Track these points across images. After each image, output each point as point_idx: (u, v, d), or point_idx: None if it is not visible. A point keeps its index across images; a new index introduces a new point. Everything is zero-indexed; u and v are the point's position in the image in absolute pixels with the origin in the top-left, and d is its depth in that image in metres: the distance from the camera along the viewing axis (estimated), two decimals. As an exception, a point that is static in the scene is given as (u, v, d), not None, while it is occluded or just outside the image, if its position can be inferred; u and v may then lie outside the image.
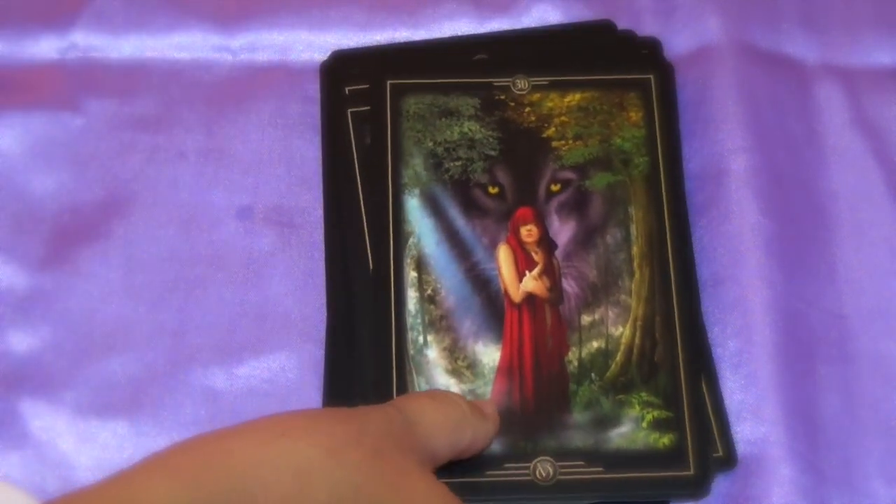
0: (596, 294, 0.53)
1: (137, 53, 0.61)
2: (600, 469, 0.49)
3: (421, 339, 0.52)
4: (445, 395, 0.47)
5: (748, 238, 0.55)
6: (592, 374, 0.52)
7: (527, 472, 0.49)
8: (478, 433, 0.47)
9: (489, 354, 0.52)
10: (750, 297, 0.54)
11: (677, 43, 0.61)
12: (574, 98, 0.57)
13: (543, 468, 0.49)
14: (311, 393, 0.53)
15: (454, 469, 0.48)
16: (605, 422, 0.51)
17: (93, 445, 0.53)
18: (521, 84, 0.57)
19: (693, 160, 0.58)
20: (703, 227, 0.56)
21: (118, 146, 0.59)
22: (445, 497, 0.42)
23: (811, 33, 0.62)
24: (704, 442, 0.50)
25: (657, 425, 0.51)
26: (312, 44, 0.61)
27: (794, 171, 0.58)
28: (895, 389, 0.53)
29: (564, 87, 0.57)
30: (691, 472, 0.50)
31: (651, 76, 0.57)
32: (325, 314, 0.54)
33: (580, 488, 0.49)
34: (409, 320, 0.52)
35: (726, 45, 0.60)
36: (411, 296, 0.53)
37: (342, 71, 0.59)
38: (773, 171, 0.57)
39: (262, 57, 0.61)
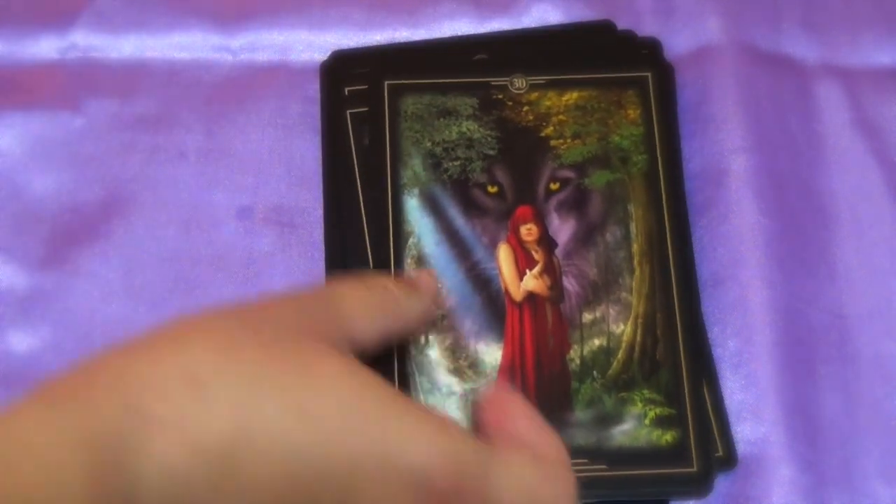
0: (597, 292, 0.53)
1: (137, 53, 0.61)
2: (603, 466, 0.49)
3: (423, 338, 0.52)
4: (371, 277, 0.45)
5: (748, 238, 0.55)
6: (594, 372, 0.52)
7: None
8: (410, 312, 0.46)
9: (491, 353, 0.52)
10: (750, 297, 0.54)
11: (677, 43, 0.61)
12: (572, 97, 0.57)
13: None
14: (311, 393, 0.53)
15: None
16: (608, 419, 0.51)
17: (93, 445, 0.52)
18: (519, 83, 0.57)
19: (693, 160, 0.58)
20: (703, 227, 0.56)
21: (118, 146, 0.59)
22: (356, 374, 0.39)
23: (811, 33, 0.62)
24: (707, 439, 0.50)
25: (660, 422, 0.51)
26: (312, 44, 0.61)
27: (794, 171, 0.58)
28: (895, 389, 0.53)
29: (562, 86, 0.57)
30: (694, 468, 0.50)
31: (649, 74, 0.57)
32: (325, 314, 0.54)
33: (583, 486, 0.49)
34: None
35: (726, 45, 0.60)
36: None
37: (342, 71, 0.59)
38: (773, 171, 0.57)
39: (262, 57, 0.61)
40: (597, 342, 0.52)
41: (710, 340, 0.54)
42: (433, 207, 0.55)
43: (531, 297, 0.53)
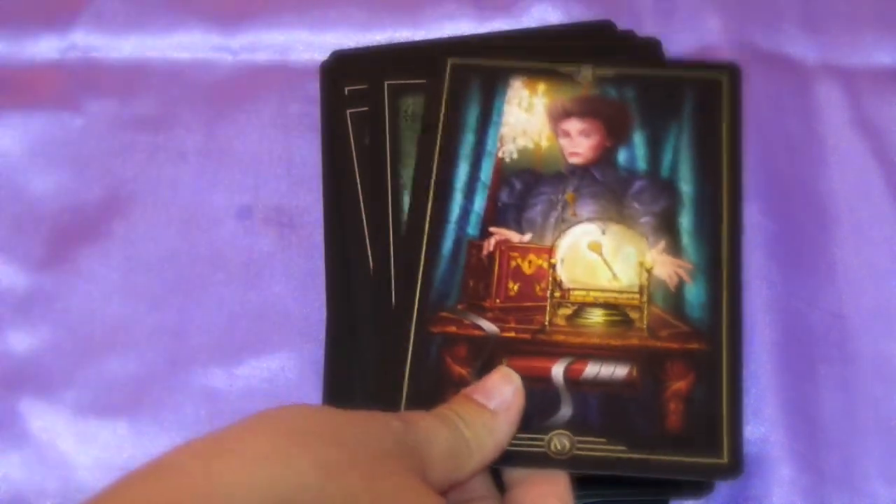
0: None
1: (137, 53, 0.61)
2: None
3: None
4: (456, 425, 0.43)
5: (748, 238, 0.55)
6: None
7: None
8: (478, 465, 0.44)
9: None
10: (750, 297, 0.54)
11: (677, 43, 0.61)
12: None
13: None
14: (311, 393, 0.53)
15: None
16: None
17: (93, 445, 0.53)
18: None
19: (693, 160, 0.58)
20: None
21: (118, 146, 0.59)
22: None
23: (811, 33, 0.62)
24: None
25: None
26: (312, 44, 0.61)
27: (794, 171, 0.58)
28: (895, 389, 0.53)
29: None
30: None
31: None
32: (325, 314, 0.54)
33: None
34: None
35: (726, 45, 0.60)
36: None
37: (342, 71, 0.59)
38: (773, 171, 0.57)
39: (262, 57, 0.61)
40: None
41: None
42: None
43: None
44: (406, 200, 0.54)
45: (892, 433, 0.53)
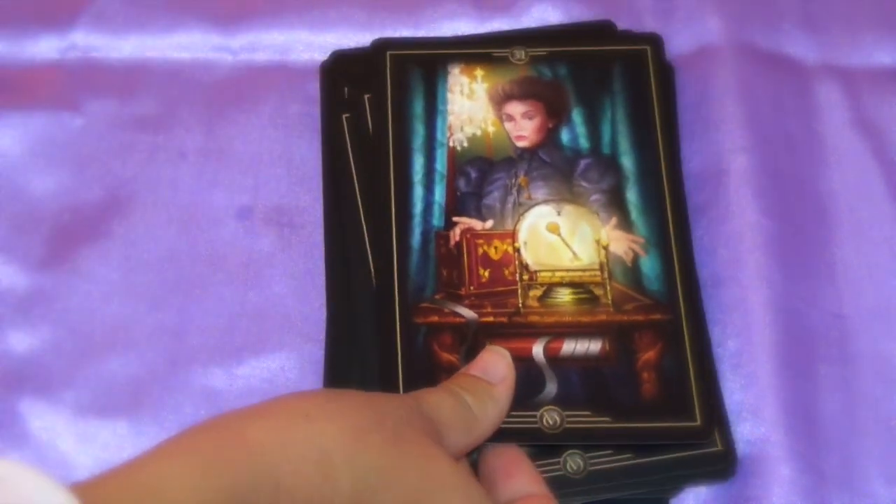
0: None
1: (137, 53, 0.61)
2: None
3: None
4: (459, 394, 0.46)
5: (748, 238, 0.55)
6: None
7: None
8: (488, 427, 0.46)
9: None
10: (750, 297, 0.54)
11: (677, 43, 0.61)
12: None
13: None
14: (311, 393, 0.53)
15: None
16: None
17: (93, 445, 0.53)
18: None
19: (693, 160, 0.58)
20: (703, 227, 0.56)
21: (118, 146, 0.59)
22: (470, 481, 0.42)
23: (811, 33, 0.62)
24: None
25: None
26: (312, 44, 0.61)
27: (794, 171, 0.58)
28: (895, 389, 0.53)
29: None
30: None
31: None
32: (325, 314, 0.54)
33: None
34: None
35: (726, 45, 0.60)
36: None
37: (342, 71, 0.59)
38: (773, 171, 0.57)
39: (262, 57, 0.61)
40: None
41: (710, 340, 0.53)
42: None
43: None
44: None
45: (892, 433, 0.53)
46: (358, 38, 0.61)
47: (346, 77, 0.58)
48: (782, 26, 0.62)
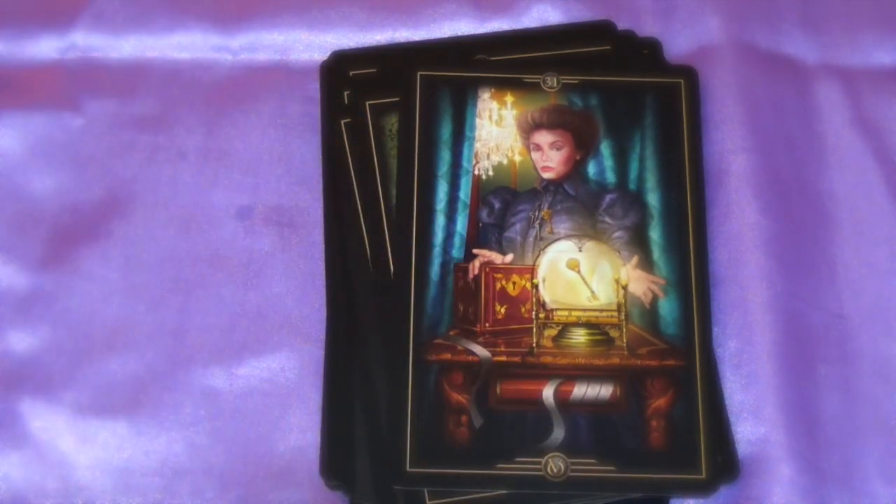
0: None
1: (137, 53, 0.61)
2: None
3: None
4: None
5: (748, 238, 0.55)
6: None
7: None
8: None
9: None
10: (750, 297, 0.54)
11: (677, 43, 0.61)
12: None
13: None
14: (310, 393, 0.53)
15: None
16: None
17: (93, 445, 0.53)
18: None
19: (693, 160, 0.58)
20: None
21: (118, 146, 0.59)
22: None
23: (811, 33, 0.62)
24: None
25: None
26: (312, 44, 0.61)
27: (794, 171, 0.58)
28: (895, 389, 0.53)
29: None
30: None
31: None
32: (325, 314, 0.54)
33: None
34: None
35: (726, 45, 0.60)
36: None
37: (342, 71, 0.59)
38: (773, 171, 0.57)
39: (262, 57, 0.61)
40: None
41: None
42: None
43: None
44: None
45: (892, 433, 0.53)
46: (358, 38, 0.61)
47: (346, 80, 0.58)
48: (782, 26, 0.62)
